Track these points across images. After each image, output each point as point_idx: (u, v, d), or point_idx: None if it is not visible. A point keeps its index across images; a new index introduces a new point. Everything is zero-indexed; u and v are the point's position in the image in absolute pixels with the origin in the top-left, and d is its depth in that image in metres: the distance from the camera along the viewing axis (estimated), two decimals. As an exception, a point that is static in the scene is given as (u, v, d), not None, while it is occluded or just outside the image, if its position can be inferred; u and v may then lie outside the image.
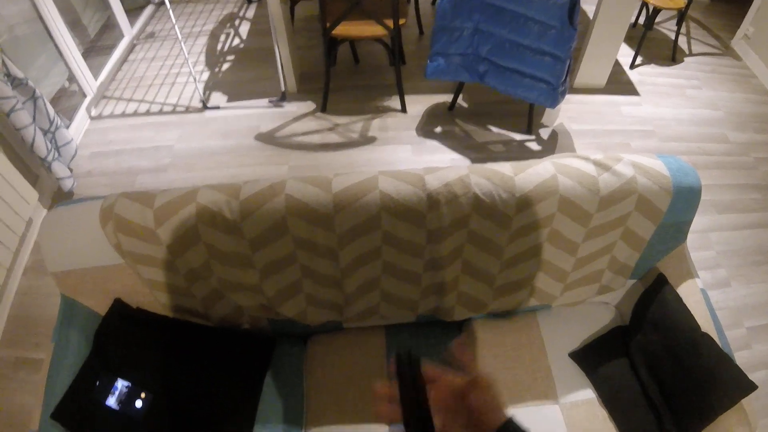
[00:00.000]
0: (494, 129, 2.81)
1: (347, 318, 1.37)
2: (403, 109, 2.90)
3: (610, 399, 1.32)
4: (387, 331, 1.45)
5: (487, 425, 0.56)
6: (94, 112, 2.90)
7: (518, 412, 1.30)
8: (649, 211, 1.23)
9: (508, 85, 2.33)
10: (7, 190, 2.02)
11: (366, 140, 2.73)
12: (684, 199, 1.23)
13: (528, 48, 2.16)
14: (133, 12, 3.59)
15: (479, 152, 2.68)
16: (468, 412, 0.57)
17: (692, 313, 1.26)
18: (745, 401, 1.12)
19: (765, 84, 3.29)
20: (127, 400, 1.22)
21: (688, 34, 3.77)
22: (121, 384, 1.23)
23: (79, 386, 1.18)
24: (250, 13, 3.76)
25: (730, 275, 2.22)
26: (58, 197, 2.45)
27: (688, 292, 1.32)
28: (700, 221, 2.42)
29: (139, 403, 1.22)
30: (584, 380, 1.36)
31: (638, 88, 3.17)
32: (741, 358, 1.96)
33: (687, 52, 3.56)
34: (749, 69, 3.43)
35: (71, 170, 2.49)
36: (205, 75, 3.16)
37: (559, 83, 2.19)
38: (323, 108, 2.89)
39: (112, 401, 1.20)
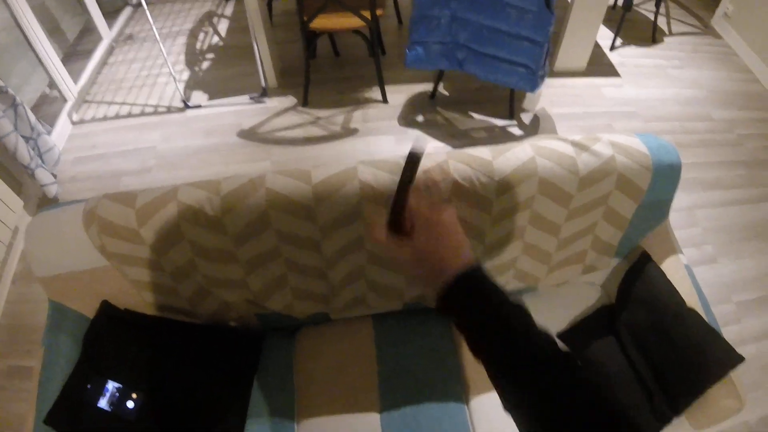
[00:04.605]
0: (476, 116, 2.81)
1: (334, 309, 1.37)
2: (385, 100, 2.89)
3: (600, 378, 1.32)
4: (374, 321, 1.45)
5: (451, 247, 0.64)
6: (75, 117, 2.88)
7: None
8: (629, 190, 1.24)
9: (487, 71, 2.33)
10: (-9, 198, 2.00)
11: (348, 132, 2.72)
12: (664, 177, 1.24)
13: (506, 33, 2.15)
14: (110, 15, 3.56)
15: (461, 139, 2.68)
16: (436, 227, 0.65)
17: (677, 288, 1.26)
18: (734, 374, 1.12)
19: (746, 62, 3.31)
20: (118, 401, 1.22)
21: (667, 15, 3.77)
22: (111, 386, 1.23)
23: (70, 390, 1.18)
24: (228, 10, 3.73)
25: (717, 252, 2.23)
26: (44, 204, 2.43)
27: (673, 269, 1.32)
28: (686, 199, 2.44)
29: (130, 404, 1.22)
30: (573, 361, 1.37)
31: (619, 69, 3.17)
32: (730, 333, 1.97)
33: (667, 32, 3.57)
34: (730, 47, 3.45)
35: (55, 176, 2.47)
36: (186, 74, 3.14)
37: (538, 67, 2.19)
38: (304, 102, 2.88)
39: (103, 403, 1.20)
